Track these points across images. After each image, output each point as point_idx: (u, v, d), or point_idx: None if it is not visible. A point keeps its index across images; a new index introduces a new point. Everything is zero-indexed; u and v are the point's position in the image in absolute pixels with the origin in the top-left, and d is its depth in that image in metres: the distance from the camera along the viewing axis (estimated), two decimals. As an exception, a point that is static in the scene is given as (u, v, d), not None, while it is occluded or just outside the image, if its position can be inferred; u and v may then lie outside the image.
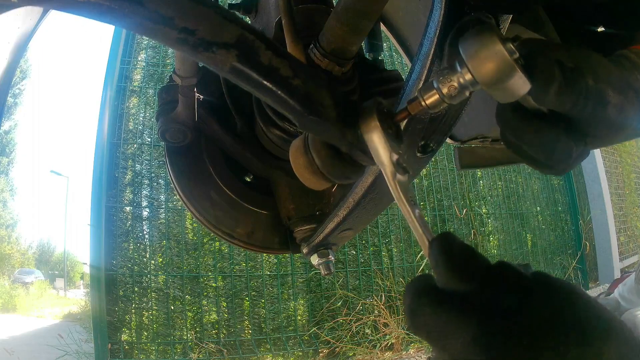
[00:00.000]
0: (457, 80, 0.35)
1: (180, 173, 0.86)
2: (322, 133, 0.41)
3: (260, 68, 0.37)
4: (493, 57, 0.33)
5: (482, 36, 0.33)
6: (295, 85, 0.39)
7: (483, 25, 0.34)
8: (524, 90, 0.34)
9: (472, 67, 0.34)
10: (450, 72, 0.35)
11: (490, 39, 0.33)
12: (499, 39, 0.33)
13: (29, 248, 24.20)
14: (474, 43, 0.34)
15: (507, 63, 0.33)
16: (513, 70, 0.33)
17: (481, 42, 0.33)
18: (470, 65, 0.34)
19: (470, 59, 0.34)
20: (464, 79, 0.35)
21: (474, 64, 0.34)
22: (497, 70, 0.33)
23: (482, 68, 0.33)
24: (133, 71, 3.17)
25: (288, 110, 0.40)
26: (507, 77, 0.33)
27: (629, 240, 5.15)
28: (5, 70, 0.67)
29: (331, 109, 0.40)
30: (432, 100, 0.37)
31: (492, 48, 0.33)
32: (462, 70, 0.34)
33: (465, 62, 0.34)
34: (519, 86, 0.34)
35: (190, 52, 0.35)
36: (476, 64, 0.33)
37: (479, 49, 0.33)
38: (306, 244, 0.80)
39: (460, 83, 0.35)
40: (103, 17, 0.32)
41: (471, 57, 0.34)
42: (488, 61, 0.33)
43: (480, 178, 4.09)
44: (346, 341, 2.92)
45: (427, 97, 0.37)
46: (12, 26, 0.64)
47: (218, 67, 0.36)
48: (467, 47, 0.34)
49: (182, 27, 0.34)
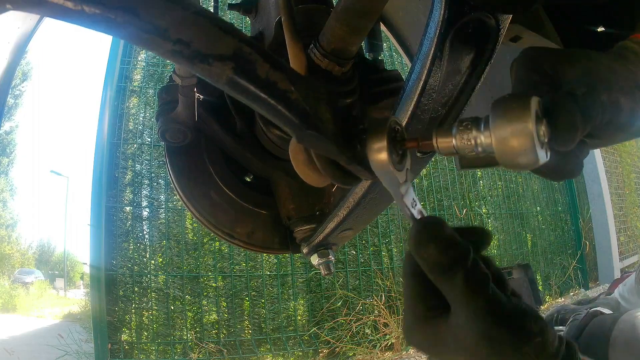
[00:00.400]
0: (475, 139, 0.34)
1: (180, 173, 0.86)
2: (321, 147, 0.41)
3: (257, 81, 0.36)
4: (520, 137, 0.31)
5: (517, 109, 0.32)
6: (293, 99, 0.38)
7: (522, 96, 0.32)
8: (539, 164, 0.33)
9: (495, 138, 0.32)
10: (472, 125, 0.34)
11: (523, 116, 0.31)
12: (532, 119, 0.31)
13: (29, 248, 24.20)
14: (506, 113, 0.32)
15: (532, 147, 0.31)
16: (535, 154, 0.32)
17: (514, 115, 0.32)
18: (494, 134, 0.32)
19: (496, 129, 0.32)
20: (482, 141, 0.34)
21: (498, 136, 0.32)
22: (519, 151, 0.32)
23: (504, 143, 0.32)
24: (133, 71, 3.17)
25: (286, 124, 0.39)
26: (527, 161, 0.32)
27: (629, 240, 5.15)
28: (5, 70, 0.67)
29: (330, 124, 0.39)
30: (445, 146, 0.36)
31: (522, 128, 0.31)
32: (484, 132, 0.33)
33: (490, 128, 0.33)
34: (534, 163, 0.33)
35: (185, 64, 0.35)
36: (500, 137, 0.32)
37: (510, 122, 0.32)
38: (306, 244, 0.80)
39: (476, 142, 0.34)
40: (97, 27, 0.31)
41: (498, 128, 0.32)
42: (514, 139, 0.31)
43: (480, 178, 4.09)
44: (346, 341, 2.92)
45: (441, 141, 0.36)
46: (12, 26, 0.64)
47: (214, 79, 0.36)
48: (498, 113, 0.32)
49: (177, 38, 0.33)
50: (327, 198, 0.85)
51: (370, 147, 0.37)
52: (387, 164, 0.37)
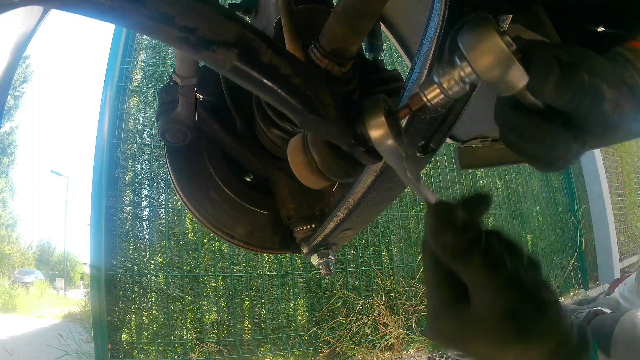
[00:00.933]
0: (457, 74, 0.36)
1: (180, 173, 0.86)
2: (323, 132, 0.41)
3: (260, 67, 0.37)
4: (491, 49, 0.34)
5: (480, 29, 0.34)
6: (295, 84, 0.39)
7: (481, 19, 0.35)
8: (522, 82, 0.35)
9: (471, 60, 0.34)
10: (449, 66, 0.36)
11: (488, 32, 0.34)
12: (496, 32, 0.34)
13: (29, 248, 24.20)
14: (472, 36, 0.34)
15: (505, 54, 0.34)
16: (511, 61, 0.34)
17: (479, 35, 0.34)
18: (470, 57, 0.34)
19: (469, 51, 0.34)
20: (464, 72, 0.35)
21: (473, 57, 0.34)
22: (495, 61, 0.34)
23: (480, 60, 0.34)
24: (133, 71, 3.17)
25: (288, 109, 0.40)
26: (506, 69, 0.34)
27: (629, 240, 5.15)
28: (5, 70, 0.67)
29: (332, 108, 0.40)
30: (433, 94, 0.37)
31: (490, 40, 0.34)
32: (462, 63, 0.35)
33: (465, 55, 0.35)
34: (517, 78, 0.35)
35: (190, 51, 0.35)
36: (475, 57, 0.34)
37: (478, 41, 0.34)
38: (306, 244, 0.80)
39: (460, 76, 0.36)
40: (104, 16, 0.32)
41: (470, 50, 0.34)
42: (486, 53, 0.34)
43: (480, 178, 4.09)
44: (346, 341, 2.92)
45: (428, 92, 0.38)
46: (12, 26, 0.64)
47: (219, 65, 0.36)
48: (465, 40, 0.35)
49: (182, 25, 0.34)
50: (327, 198, 0.85)
51: (370, 125, 0.39)
52: (388, 138, 0.38)
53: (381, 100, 0.39)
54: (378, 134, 0.38)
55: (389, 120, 0.39)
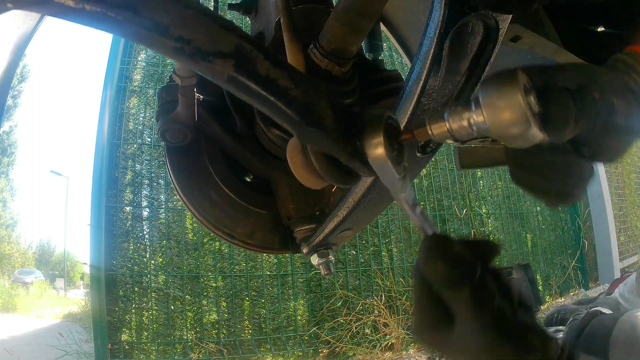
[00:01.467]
0: (468, 119, 0.34)
1: (180, 173, 0.86)
2: (321, 144, 0.41)
3: (258, 78, 0.37)
4: (511, 108, 0.32)
5: (504, 83, 0.32)
6: (293, 95, 0.38)
7: (509, 70, 0.33)
8: (535, 141, 0.33)
9: (487, 113, 0.33)
10: (463, 108, 0.35)
11: (512, 89, 0.32)
12: (520, 91, 0.32)
13: (29, 248, 24.19)
14: (494, 88, 0.32)
15: (524, 117, 0.32)
16: (528, 124, 0.32)
17: (502, 90, 0.32)
18: (486, 110, 0.33)
19: (487, 104, 0.33)
20: (475, 120, 0.34)
21: (490, 111, 0.33)
22: (512, 122, 0.32)
23: (497, 117, 0.32)
24: (133, 71, 3.17)
25: (286, 121, 0.39)
26: (521, 131, 0.32)
27: (629, 240, 5.15)
28: (5, 70, 0.67)
29: (330, 120, 0.39)
30: (439, 131, 0.36)
31: (512, 99, 0.32)
32: (476, 111, 0.33)
33: (481, 105, 0.33)
34: (531, 139, 0.33)
35: (186, 61, 0.34)
36: (492, 112, 0.32)
37: (499, 97, 0.32)
38: (306, 244, 0.80)
39: (470, 123, 0.34)
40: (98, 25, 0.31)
41: (488, 103, 0.33)
42: (505, 111, 0.32)
43: (480, 178, 4.09)
44: (346, 341, 2.92)
45: (435, 127, 0.36)
46: (12, 26, 0.64)
47: (215, 77, 0.36)
48: (487, 90, 0.33)
49: (177, 35, 0.33)
50: (327, 198, 0.85)
51: (368, 143, 0.38)
52: (384, 159, 0.37)
53: (383, 119, 0.38)
54: (376, 153, 0.37)
55: (389, 141, 0.37)
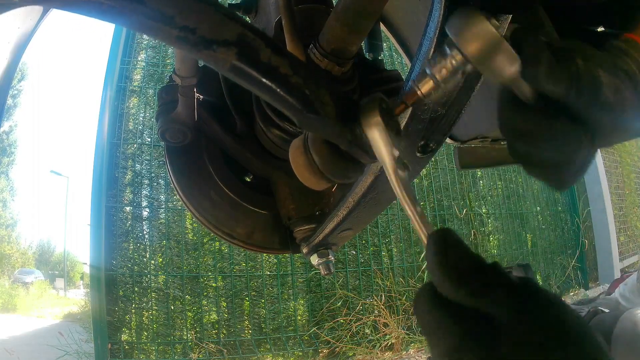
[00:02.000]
0: (449, 63, 0.35)
1: (180, 173, 0.86)
2: (322, 131, 0.41)
3: (260, 66, 0.37)
4: (479, 33, 0.33)
5: (467, 15, 0.34)
6: (294, 83, 0.39)
7: (468, 7, 0.35)
8: (515, 65, 0.34)
9: (461, 46, 0.34)
10: (440, 56, 0.36)
11: (475, 16, 0.34)
12: (483, 16, 0.34)
13: (29, 248, 24.19)
14: (460, 23, 0.34)
15: (494, 37, 0.33)
16: (501, 43, 0.34)
17: (467, 20, 0.34)
18: (459, 44, 0.34)
19: (458, 38, 0.34)
20: (455, 60, 0.35)
21: (462, 43, 0.34)
22: (485, 45, 0.33)
23: (470, 45, 0.34)
24: (133, 71, 3.17)
25: (287, 108, 0.40)
26: (496, 51, 0.34)
27: (629, 240, 5.15)
28: (5, 70, 0.67)
29: (331, 107, 0.40)
30: (427, 87, 0.37)
31: (477, 25, 0.34)
32: (452, 52, 0.35)
33: (454, 42, 0.35)
34: (508, 61, 0.34)
35: (190, 51, 0.35)
36: (464, 42, 0.34)
37: (465, 27, 0.34)
38: (306, 244, 0.80)
39: (452, 65, 0.35)
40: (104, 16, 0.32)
41: (459, 37, 0.34)
42: (475, 38, 0.34)
43: (480, 178, 4.09)
44: (346, 341, 2.92)
45: (422, 85, 0.38)
46: (12, 26, 0.64)
47: (218, 65, 0.36)
48: (453, 27, 0.35)
49: (182, 25, 0.34)
50: (327, 198, 0.85)
51: (365, 125, 0.39)
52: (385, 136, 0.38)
53: (377, 99, 0.39)
54: (375, 133, 0.38)
55: (385, 119, 0.38)
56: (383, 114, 0.38)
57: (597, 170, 4.70)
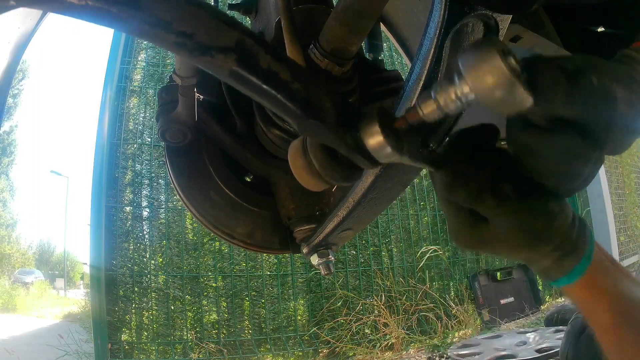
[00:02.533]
0: (455, 92, 0.35)
1: (180, 173, 0.86)
2: (322, 136, 0.41)
3: (259, 72, 0.37)
4: (492, 71, 0.32)
5: (481, 50, 0.33)
6: (294, 89, 0.39)
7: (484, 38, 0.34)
8: (526, 104, 0.34)
9: (470, 81, 0.33)
10: (448, 83, 0.35)
11: (489, 53, 0.32)
12: (499, 53, 0.32)
13: (29, 248, 24.17)
14: (473, 56, 0.33)
15: (506, 78, 0.32)
16: (512, 85, 0.32)
17: (481, 56, 0.33)
18: (469, 79, 0.33)
19: (469, 73, 0.33)
20: (462, 91, 0.34)
21: (472, 79, 0.33)
22: (495, 85, 0.32)
23: (480, 82, 0.33)
24: (133, 71, 3.17)
25: (287, 114, 0.39)
26: (506, 93, 0.33)
27: (629, 240, 5.15)
28: (5, 70, 0.67)
29: (331, 113, 0.40)
30: (429, 110, 0.37)
31: (491, 63, 0.32)
32: (460, 82, 0.34)
33: (464, 75, 0.34)
34: (519, 100, 0.33)
35: (188, 56, 0.35)
36: (474, 78, 0.33)
37: (478, 63, 0.33)
38: (306, 244, 0.80)
39: (457, 95, 0.35)
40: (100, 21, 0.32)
41: (470, 71, 0.33)
42: (486, 75, 0.32)
43: (480, 178, 4.08)
44: (346, 341, 2.92)
45: (425, 107, 0.37)
46: (12, 26, 0.64)
47: (217, 71, 0.36)
48: (466, 60, 0.33)
49: (179, 31, 0.33)
50: (327, 198, 0.85)
51: (365, 134, 0.39)
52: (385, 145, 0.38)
53: (375, 110, 0.39)
54: (374, 142, 0.38)
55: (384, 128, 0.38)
56: (383, 123, 0.38)
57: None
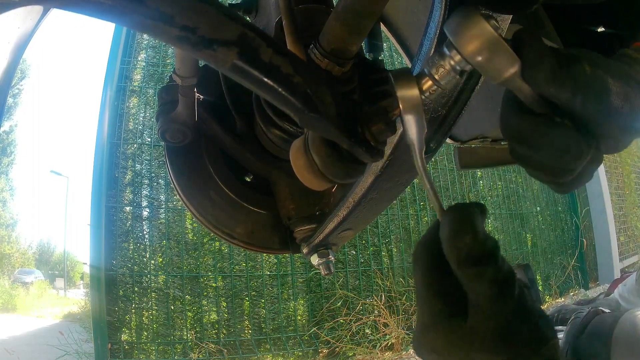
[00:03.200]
0: (448, 63, 0.36)
1: (180, 173, 0.86)
2: (323, 130, 0.41)
3: (261, 65, 0.37)
4: (477, 33, 0.33)
5: (465, 15, 0.34)
6: (296, 82, 0.39)
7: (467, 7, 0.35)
8: (514, 66, 0.34)
9: (459, 46, 0.34)
10: (439, 57, 0.36)
11: (473, 16, 0.34)
12: (481, 16, 0.34)
13: (29, 248, 24.16)
14: (457, 23, 0.34)
15: (492, 37, 0.33)
16: (499, 43, 0.34)
17: (464, 20, 0.34)
18: (457, 44, 0.34)
19: (456, 38, 0.34)
20: (454, 60, 0.35)
21: (460, 43, 0.34)
22: (483, 45, 0.33)
23: (468, 45, 0.34)
24: (133, 71, 3.17)
25: (289, 108, 0.40)
26: (494, 52, 0.34)
27: (629, 240, 5.15)
28: (5, 70, 0.67)
29: (332, 106, 0.40)
30: (426, 86, 0.38)
31: (475, 25, 0.34)
32: (451, 52, 0.35)
33: (452, 42, 0.35)
34: (507, 62, 0.34)
35: (190, 50, 0.35)
36: (462, 42, 0.34)
37: (463, 27, 0.34)
38: (306, 244, 0.80)
39: (451, 65, 0.36)
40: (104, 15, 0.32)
41: (457, 37, 0.34)
42: (473, 38, 0.34)
43: (480, 178, 4.09)
44: (346, 341, 2.92)
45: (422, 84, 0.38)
46: (12, 26, 0.64)
47: (219, 64, 0.36)
48: (451, 27, 0.35)
49: (182, 24, 0.34)
50: (327, 198, 0.85)
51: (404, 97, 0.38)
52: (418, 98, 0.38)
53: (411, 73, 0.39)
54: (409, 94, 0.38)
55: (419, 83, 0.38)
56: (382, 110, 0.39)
57: (597, 170, 4.69)
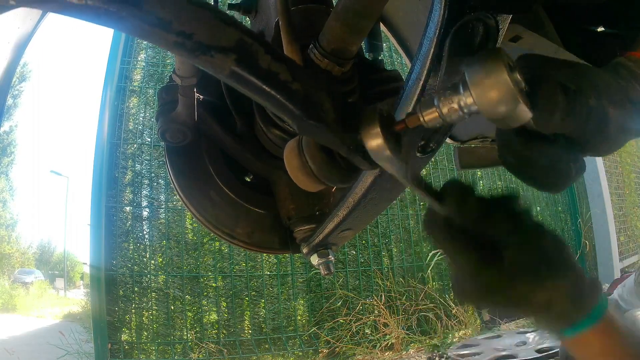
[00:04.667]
0: (458, 103, 0.34)
1: (180, 173, 0.86)
2: (321, 137, 0.41)
3: (259, 72, 0.37)
4: (498, 86, 0.32)
5: (488, 63, 0.32)
6: (294, 89, 0.38)
7: (492, 50, 0.33)
8: (525, 120, 0.34)
9: (475, 94, 0.33)
10: (452, 93, 0.35)
11: (497, 67, 0.32)
12: (505, 68, 0.32)
13: (29, 248, 24.13)
14: (480, 69, 0.33)
15: (511, 95, 0.32)
16: (516, 102, 0.32)
17: (487, 69, 0.32)
18: (474, 91, 0.33)
19: (475, 85, 0.33)
20: (465, 102, 0.34)
21: (478, 92, 0.33)
22: (499, 100, 0.32)
23: (485, 96, 0.33)
24: (133, 71, 3.17)
25: (287, 115, 0.39)
26: (509, 109, 0.32)
27: (629, 240, 5.14)
28: (5, 70, 0.67)
29: (330, 113, 0.40)
30: (431, 117, 0.37)
31: (498, 77, 0.32)
32: (465, 93, 0.34)
33: (469, 87, 0.33)
34: (520, 117, 0.33)
35: (187, 56, 0.35)
36: (479, 92, 0.33)
37: (485, 76, 0.32)
38: (306, 244, 0.80)
39: (460, 105, 0.34)
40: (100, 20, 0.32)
41: (475, 84, 0.33)
42: (492, 90, 0.32)
43: (480, 178, 4.09)
44: (346, 341, 2.92)
45: (426, 113, 0.37)
46: (12, 26, 0.64)
47: (217, 71, 0.36)
48: (472, 72, 0.33)
49: (179, 30, 0.33)
50: (327, 198, 0.85)
51: (366, 135, 0.38)
52: (384, 147, 0.38)
53: (377, 111, 0.38)
54: (374, 144, 0.38)
55: (385, 131, 0.38)
56: (383, 124, 0.38)
57: (597, 170, 4.70)
